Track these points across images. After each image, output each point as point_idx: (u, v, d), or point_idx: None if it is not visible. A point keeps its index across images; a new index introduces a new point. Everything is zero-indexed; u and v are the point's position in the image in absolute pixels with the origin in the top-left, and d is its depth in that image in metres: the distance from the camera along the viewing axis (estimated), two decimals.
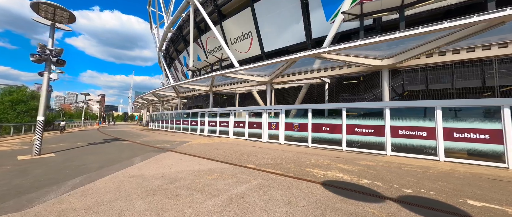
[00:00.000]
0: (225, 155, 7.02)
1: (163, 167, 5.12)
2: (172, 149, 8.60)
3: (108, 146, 9.32)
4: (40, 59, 6.52)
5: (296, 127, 10.99)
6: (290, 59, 9.67)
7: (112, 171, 4.69)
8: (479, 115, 6.39)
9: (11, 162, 5.59)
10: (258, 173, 4.55)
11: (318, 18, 18.87)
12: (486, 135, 5.99)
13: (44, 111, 6.86)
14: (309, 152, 8.12)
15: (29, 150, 7.80)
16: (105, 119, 67.63)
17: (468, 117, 6.47)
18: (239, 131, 14.37)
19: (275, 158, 6.60)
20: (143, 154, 7.06)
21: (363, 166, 5.54)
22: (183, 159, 6.24)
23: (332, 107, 9.78)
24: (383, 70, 8.95)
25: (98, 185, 3.65)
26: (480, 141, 6.10)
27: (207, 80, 17.31)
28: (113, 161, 5.89)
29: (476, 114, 6.40)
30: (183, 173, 4.53)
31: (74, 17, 6.87)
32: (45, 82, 6.69)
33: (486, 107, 6.34)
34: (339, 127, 9.23)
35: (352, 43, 7.39)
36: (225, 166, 5.29)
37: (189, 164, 5.52)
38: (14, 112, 19.29)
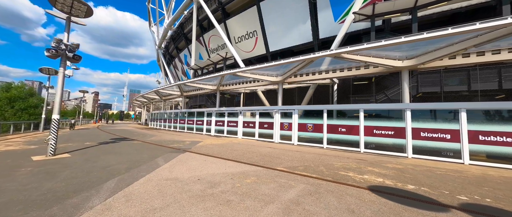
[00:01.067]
0: (247, 157, 6.85)
1: (193, 170, 4.92)
2: (188, 149, 8.39)
3: (122, 146, 9.04)
4: (56, 55, 6.22)
5: (310, 128, 10.88)
6: (308, 58, 9.54)
7: (142, 173, 4.48)
8: (508, 118, 6.36)
9: (28, 163, 5.31)
10: (295, 177, 4.40)
11: (326, 18, 18.78)
12: None
13: (59, 109, 6.57)
14: (329, 154, 8.01)
15: (40, 150, 7.49)
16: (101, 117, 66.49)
17: (493, 120, 6.46)
18: (248, 131, 14.19)
19: (299, 160, 6.47)
20: (163, 155, 6.83)
21: (394, 169, 5.44)
22: (208, 161, 6.05)
23: (350, 108, 9.70)
24: (403, 72, 8.90)
25: (137, 189, 3.45)
26: (507, 144, 6.07)
27: (215, 79, 17.07)
28: (137, 162, 5.66)
29: (503, 116, 6.39)
30: (218, 176, 4.35)
31: (91, 11, 6.58)
32: (60, 78, 6.41)
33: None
34: (357, 128, 9.15)
35: (375, 43, 7.30)
36: (256, 169, 5.12)
37: (217, 166, 5.33)
38: (12, 109, 18.68)
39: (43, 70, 16.75)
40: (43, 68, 16.71)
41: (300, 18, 20.41)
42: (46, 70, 16.80)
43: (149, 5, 52.78)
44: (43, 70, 16.75)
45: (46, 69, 16.77)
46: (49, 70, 16.90)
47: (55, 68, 17.01)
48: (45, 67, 16.69)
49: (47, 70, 16.84)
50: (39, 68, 16.82)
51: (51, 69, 16.88)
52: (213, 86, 18.64)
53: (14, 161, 5.55)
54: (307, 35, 20.51)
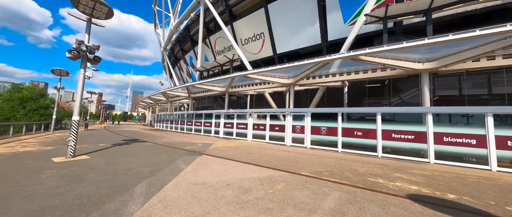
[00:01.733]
0: (265, 160, 6.72)
1: (218, 174, 4.82)
2: (203, 152, 8.29)
3: (136, 148, 8.99)
4: (77, 56, 6.22)
5: (323, 131, 10.71)
6: (323, 60, 9.42)
7: (168, 176, 4.39)
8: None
9: (51, 165, 5.27)
10: (325, 183, 4.26)
11: (335, 20, 18.65)
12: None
13: (79, 110, 6.55)
14: (347, 158, 7.84)
15: (57, 151, 7.49)
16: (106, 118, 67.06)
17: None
18: (258, 133, 14.07)
19: (320, 164, 6.31)
20: (181, 158, 6.74)
21: (422, 176, 5.26)
22: (228, 164, 5.94)
23: (366, 111, 9.52)
24: (423, 74, 8.70)
25: (170, 194, 3.35)
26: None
27: (224, 81, 17.03)
28: (158, 165, 5.58)
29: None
30: (246, 182, 4.23)
31: (112, 12, 6.59)
32: (80, 80, 6.40)
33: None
34: (374, 132, 8.96)
35: (396, 45, 7.14)
36: (281, 174, 4.99)
37: (241, 170, 5.22)
38: (23, 109, 18.89)
39: (55, 71, 16.94)
40: (54, 70, 16.90)
41: (308, 20, 20.32)
42: (57, 71, 16.98)
43: (155, 7, 53.42)
44: (55, 71, 16.94)
45: (57, 71, 16.96)
46: (61, 72, 17.08)
47: (66, 70, 17.20)
48: (57, 69, 16.88)
49: (59, 71, 17.03)
50: (51, 69, 17.03)
51: (62, 71, 17.06)
52: (222, 88, 18.60)
53: (36, 162, 5.52)
54: (316, 37, 20.39)
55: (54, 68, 16.73)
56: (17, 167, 4.93)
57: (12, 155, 6.56)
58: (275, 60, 24.48)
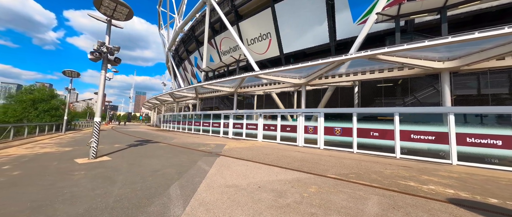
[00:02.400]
0: (286, 162, 6.65)
1: (244, 176, 4.77)
2: (220, 153, 8.27)
3: (152, 149, 9.00)
4: (98, 58, 6.25)
5: (338, 132, 10.59)
6: (339, 60, 9.30)
7: (196, 178, 4.36)
8: None
9: (77, 166, 5.29)
10: (357, 187, 4.17)
11: (344, 19, 18.47)
12: None
13: (101, 112, 6.58)
14: (366, 159, 7.72)
15: (77, 152, 7.54)
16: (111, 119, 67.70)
17: None
18: (269, 134, 14.01)
19: (342, 166, 6.22)
20: (200, 159, 6.72)
21: (452, 178, 5.13)
22: (250, 166, 5.89)
23: (383, 111, 9.37)
24: (443, 73, 8.52)
25: (207, 197, 3.31)
26: None
27: (233, 81, 17.01)
28: (181, 166, 5.55)
29: None
30: (276, 184, 4.18)
31: (132, 13, 6.61)
32: (101, 81, 6.42)
33: None
34: (391, 133, 8.81)
35: (418, 43, 6.99)
36: (307, 176, 4.92)
37: (265, 172, 5.16)
38: (35, 110, 19.19)
39: (66, 72, 17.15)
40: (66, 71, 17.11)
41: (316, 20, 20.17)
42: (69, 72, 17.19)
43: (159, 8, 53.73)
44: (66, 72, 17.15)
45: (69, 72, 17.17)
46: (72, 73, 17.29)
47: (77, 71, 17.40)
48: (68, 70, 17.09)
49: (70, 72, 17.23)
50: (63, 70, 17.24)
51: (73, 72, 17.27)
52: (231, 89, 18.58)
53: (61, 163, 5.55)
54: (324, 37, 20.23)
55: (65, 70, 16.93)
56: (45, 168, 4.96)
57: (34, 156, 6.63)
58: (282, 60, 24.39)
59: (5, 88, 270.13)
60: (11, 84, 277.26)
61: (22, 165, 5.32)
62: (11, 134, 11.22)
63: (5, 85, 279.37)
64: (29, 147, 8.76)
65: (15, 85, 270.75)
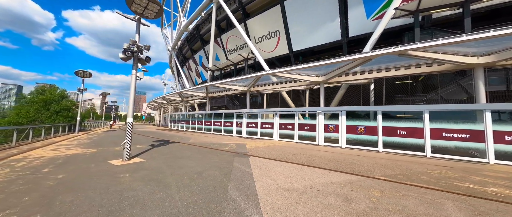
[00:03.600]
0: (321, 162, 6.50)
1: (292, 178, 4.62)
2: (247, 153, 8.13)
3: (177, 149, 8.87)
4: (130, 57, 6.10)
5: (361, 130, 10.40)
6: (366, 57, 9.08)
7: (246, 180, 4.21)
8: None
9: (117, 169, 5.17)
10: (418, 189, 3.99)
11: (357, 15, 18.16)
12: None
13: (133, 112, 6.45)
14: (398, 159, 7.55)
15: (105, 153, 7.44)
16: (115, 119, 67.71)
17: None
18: (286, 133, 13.85)
19: (382, 166, 6.05)
20: (233, 160, 6.58)
21: (504, 179, 4.95)
22: (289, 167, 5.75)
23: (411, 109, 9.16)
24: (477, 69, 8.29)
25: (275, 202, 3.16)
26: None
27: (245, 80, 16.83)
28: (220, 167, 5.41)
29: None
30: (332, 187, 4.03)
31: (162, 11, 6.44)
32: (133, 81, 6.28)
33: None
34: (421, 131, 8.61)
35: (454, 38, 6.74)
36: (357, 178, 4.75)
37: (311, 174, 5.01)
38: (47, 111, 19.16)
39: (79, 73, 17.06)
40: (78, 71, 17.03)
41: (328, 16, 19.86)
42: (81, 73, 17.11)
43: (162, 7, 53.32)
44: (79, 73, 17.06)
45: (81, 72, 17.08)
46: (84, 73, 17.20)
47: (89, 71, 17.31)
48: (80, 70, 17.00)
49: (82, 73, 17.15)
50: (75, 71, 17.17)
51: (86, 72, 17.18)
52: (244, 87, 18.40)
53: (98, 166, 5.44)
54: (335, 34, 19.94)
55: (78, 70, 16.85)
56: (86, 171, 4.85)
57: (66, 158, 6.53)
58: (291, 58, 24.14)
59: (5, 90, 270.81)
60: (12, 85, 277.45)
61: (60, 167, 5.21)
62: (30, 135, 11.17)
63: (6, 86, 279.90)
64: (53, 148, 8.68)
65: (15, 86, 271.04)
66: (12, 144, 9.50)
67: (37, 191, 3.46)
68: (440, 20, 15.32)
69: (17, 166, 5.27)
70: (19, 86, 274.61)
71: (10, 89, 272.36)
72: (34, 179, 4.16)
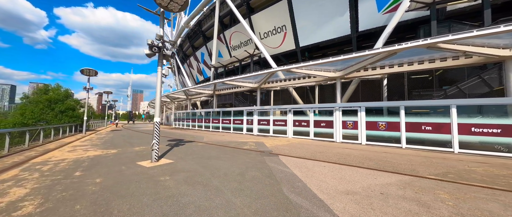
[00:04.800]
0: (354, 160, 6.30)
1: (341, 179, 4.40)
2: (273, 152, 7.89)
3: (199, 149, 8.60)
4: (157, 52, 5.77)
5: (382, 126, 10.21)
6: (391, 50, 8.80)
7: (297, 183, 3.97)
8: None
9: (151, 171, 4.90)
10: (483, 190, 3.75)
11: (367, 9, 17.80)
12: None
13: (160, 112, 6.15)
14: (430, 156, 7.37)
15: (126, 153, 7.16)
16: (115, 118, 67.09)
17: None
18: (300, 130, 13.64)
19: (420, 164, 5.86)
20: (264, 159, 6.34)
21: None
22: (328, 167, 5.52)
23: (437, 104, 8.95)
24: (508, 61, 8.08)
25: (350, 209, 2.93)
26: None
27: (255, 77, 16.49)
28: (257, 168, 5.16)
29: None
30: (391, 188, 3.81)
31: (188, 3, 6.08)
32: (159, 79, 5.96)
33: None
34: (447, 126, 8.43)
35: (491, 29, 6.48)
36: (408, 178, 4.51)
37: (355, 174, 4.79)
38: (52, 111, 18.71)
39: (84, 71, 16.59)
40: (84, 70, 16.55)
41: (337, 11, 19.45)
42: (86, 71, 16.63)
43: None
44: (84, 71, 16.59)
45: (86, 70, 16.61)
46: (90, 71, 16.73)
47: (95, 69, 16.84)
48: (86, 68, 16.52)
49: (88, 71, 16.68)
50: (80, 69, 16.67)
51: (91, 70, 16.71)
52: (254, 84, 18.07)
53: (129, 168, 5.17)
54: (345, 28, 19.58)
55: (83, 68, 16.37)
56: (120, 174, 4.58)
57: (90, 160, 6.24)
58: (298, 54, 23.78)
59: None
60: (4, 85, 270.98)
61: (91, 170, 4.93)
62: (41, 136, 10.82)
63: (39, 85, 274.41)
64: (70, 150, 8.37)
65: (8, 86, 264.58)
66: (24, 146, 9.17)
67: (84, 198, 3.20)
68: (455, 13, 15.01)
69: (45, 170, 4.98)
70: (12, 86, 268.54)
71: (4, 89, 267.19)
72: (71, 184, 3.89)
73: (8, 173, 4.70)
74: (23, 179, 4.20)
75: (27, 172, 4.78)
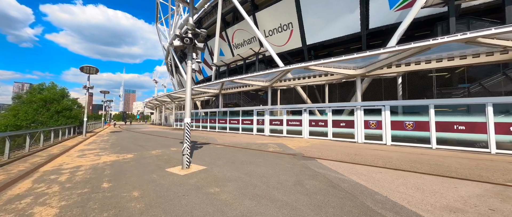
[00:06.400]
0: (404, 164, 5.79)
1: (417, 189, 3.86)
2: (307, 155, 7.31)
3: (223, 152, 7.90)
4: (189, 44, 5.07)
5: (409, 126, 9.80)
6: (423, 46, 8.35)
7: (375, 195, 3.40)
8: None
9: (189, 180, 4.21)
10: None
11: (379, 6, 17.45)
12: None
13: (190, 112, 5.45)
14: (467, 157, 6.98)
15: (150, 160, 6.42)
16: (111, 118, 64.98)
17: None
18: (317, 130, 13.13)
19: (479, 168, 5.41)
20: (304, 164, 5.76)
21: None
22: (389, 174, 4.98)
23: (469, 102, 8.60)
24: None
25: None
26: None
27: (267, 75, 15.87)
28: (310, 176, 4.56)
29: None
30: (490, 201, 3.29)
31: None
32: (189, 74, 5.27)
33: None
34: (482, 126, 8.08)
35: None
36: (492, 186, 4.02)
37: (435, 184, 4.25)
38: (47, 112, 17.49)
39: (84, 69, 15.51)
40: (84, 67, 15.48)
41: (347, 8, 19.04)
42: (86, 69, 15.57)
43: None
44: (84, 69, 15.51)
45: (87, 68, 15.54)
46: (90, 69, 15.67)
47: (96, 67, 15.79)
48: (86, 66, 15.46)
49: (88, 68, 15.62)
50: (80, 67, 15.59)
51: (92, 68, 15.66)
52: (265, 83, 17.43)
53: (164, 177, 4.45)
54: (354, 26, 19.22)
55: (83, 66, 15.31)
56: (161, 186, 3.86)
57: (110, 167, 5.47)
58: (304, 52, 23.30)
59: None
60: (43, 83, 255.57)
61: (119, 180, 4.19)
62: (41, 140, 9.85)
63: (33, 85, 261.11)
64: (79, 155, 7.53)
65: (43, 83, 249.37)
66: (25, 151, 8.24)
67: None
68: (470, 10, 14.86)
69: (63, 181, 4.21)
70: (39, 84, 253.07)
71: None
72: (106, 199, 3.17)
73: (19, 186, 3.92)
74: (43, 194, 3.45)
75: (42, 184, 4.01)
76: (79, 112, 20.88)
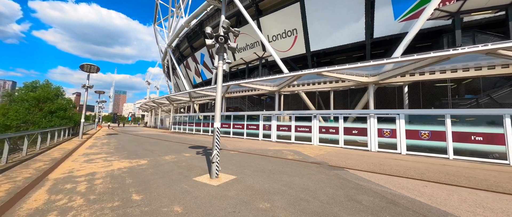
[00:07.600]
0: (441, 176, 5.60)
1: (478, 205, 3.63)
2: (330, 164, 7.01)
3: (241, 159, 7.45)
4: (222, 44, 4.73)
5: (425, 135, 9.74)
6: (442, 56, 8.39)
7: (437, 216, 3.13)
8: None
9: (234, 193, 3.78)
10: None
11: (383, 16, 17.86)
12: None
13: (219, 115, 5.04)
14: (489, 168, 6.91)
15: (168, 167, 5.90)
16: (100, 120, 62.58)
17: None
18: (328, 137, 12.90)
19: (495, 179, 5.30)
20: (337, 174, 5.44)
21: None
22: (440, 189, 4.74)
23: (487, 113, 8.64)
24: None
25: None
26: None
27: (275, 80, 15.66)
28: (353, 189, 4.24)
29: None
30: None
31: None
32: (220, 75, 4.91)
33: None
34: (501, 137, 8.11)
35: None
36: None
37: (498, 202, 4.06)
38: (40, 112, 16.39)
39: (84, 67, 14.73)
40: (84, 65, 14.70)
41: (352, 16, 19.39)
42: (87, 67, 14.79)
43: (158, 0, 50.49)
44: (84, 67, 14.73)
45: (87, 66, 14.77)
46: (91, 67, 14.90)
47: (97, 65, 15.03)
48: (86, 64, 14.69)
49: (88, 67, 14.84)
50: (80, 65, 14.79)
51: (93, 66, 14.89)
52: (273, 87, 17.19)
53: (198, 189, 3.98)
54: (359, 34, 19.56)
55: (83, 64, 14.53)
56: (200, 200, 3.42)
57: (130, 175, 4.93)
58: (308, 58, 23.45)
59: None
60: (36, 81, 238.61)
61: (147, 191, 3.70)
62: (38, 142, 9.04)
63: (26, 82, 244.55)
64: (87, 160, 6.88)
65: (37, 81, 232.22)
66: (22, 154, 7.48)
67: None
68: (472, 24, 15.39)
69: (83, 191, 3.68)
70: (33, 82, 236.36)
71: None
72: (143, 215, 2.71)
73: (34, 198, 3.36)
74: (68, 209, 2.94)
75: (61, 196, 3.46)
76: (73, 112, 19.78)
